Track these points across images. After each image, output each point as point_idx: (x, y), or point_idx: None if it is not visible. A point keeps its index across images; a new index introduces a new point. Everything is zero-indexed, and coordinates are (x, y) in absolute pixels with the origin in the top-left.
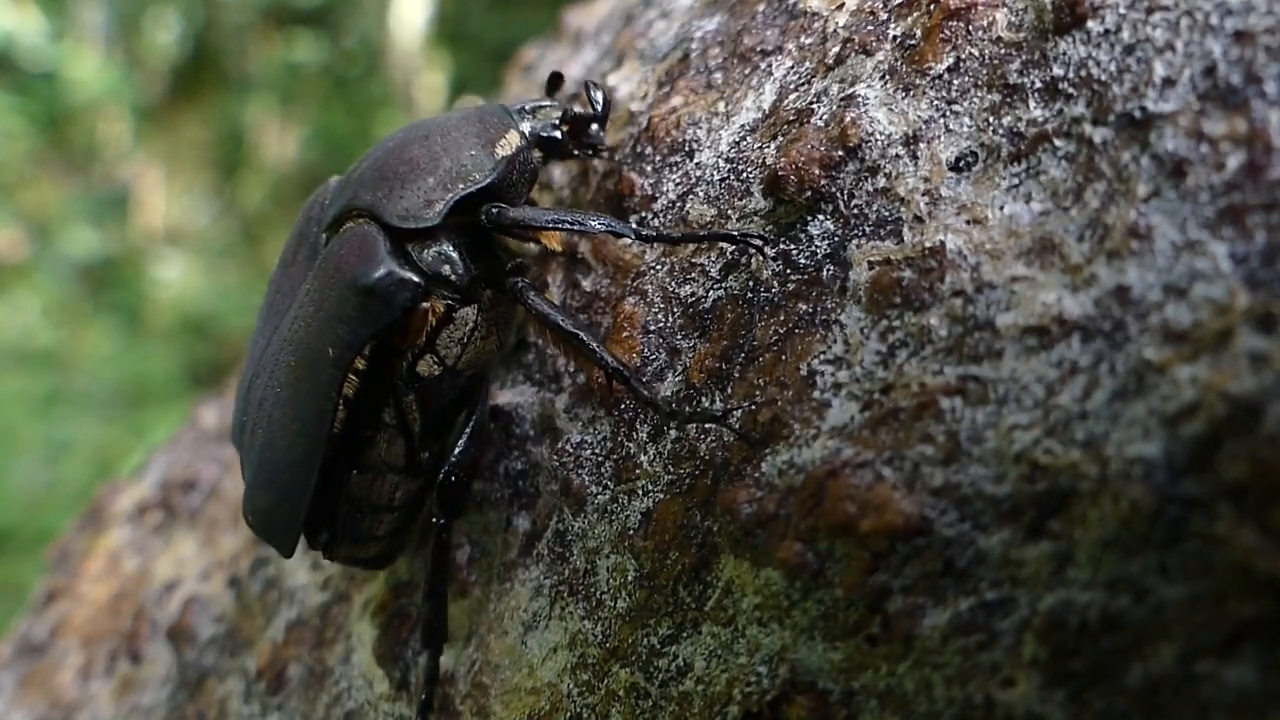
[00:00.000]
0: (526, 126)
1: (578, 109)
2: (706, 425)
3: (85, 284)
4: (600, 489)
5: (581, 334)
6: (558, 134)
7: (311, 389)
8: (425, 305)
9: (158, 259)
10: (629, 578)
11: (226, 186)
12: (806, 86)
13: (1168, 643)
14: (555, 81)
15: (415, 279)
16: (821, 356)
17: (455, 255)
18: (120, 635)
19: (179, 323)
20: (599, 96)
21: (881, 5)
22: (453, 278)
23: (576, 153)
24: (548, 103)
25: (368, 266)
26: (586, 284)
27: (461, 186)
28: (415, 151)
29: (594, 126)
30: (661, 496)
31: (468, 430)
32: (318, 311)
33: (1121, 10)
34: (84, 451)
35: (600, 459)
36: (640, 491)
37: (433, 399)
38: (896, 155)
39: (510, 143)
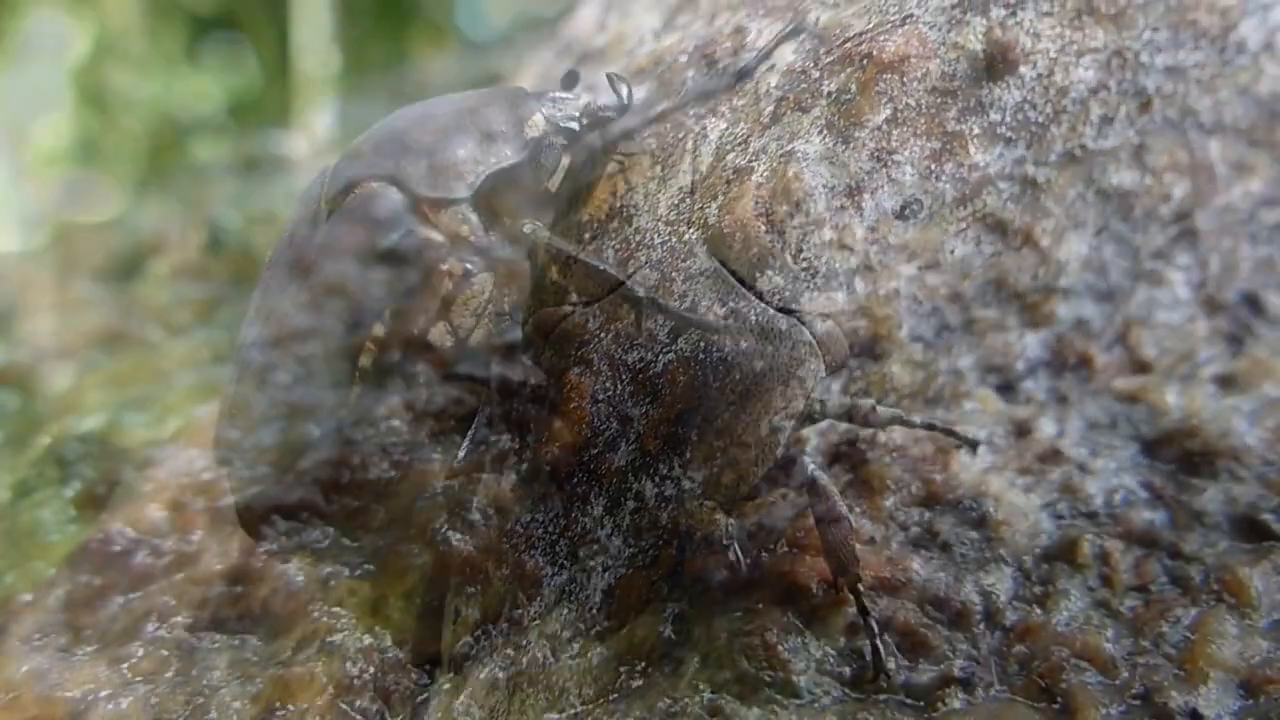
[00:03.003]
0: (547, 111)
1: (600, 101)
2: (665, 493)
3: None
4: (555, 569)
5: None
6: (575, 125)
7: (325, 359)
8: (445, 267)
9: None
10: (594, 662)
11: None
12: (744, 146)
13: None
14: (572, 79)
15: (438, 238)
16: (783, 412)
17: (474, 218)
18: None
19: None
20: (624, 90)
21: (813, 64)
22: (472, 238)
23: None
24: (569, 95)
25: (388, 227)
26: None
27: (493, 160)
28: (442, 124)
29: (614, 119)
30: (623, 571)
31: (471, 431)
32: (329, 279)
33: (1052, 54)
34: None
35: (554, 538)
36: (600, 568)
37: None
38: (841, 207)
39: (536, 125)
